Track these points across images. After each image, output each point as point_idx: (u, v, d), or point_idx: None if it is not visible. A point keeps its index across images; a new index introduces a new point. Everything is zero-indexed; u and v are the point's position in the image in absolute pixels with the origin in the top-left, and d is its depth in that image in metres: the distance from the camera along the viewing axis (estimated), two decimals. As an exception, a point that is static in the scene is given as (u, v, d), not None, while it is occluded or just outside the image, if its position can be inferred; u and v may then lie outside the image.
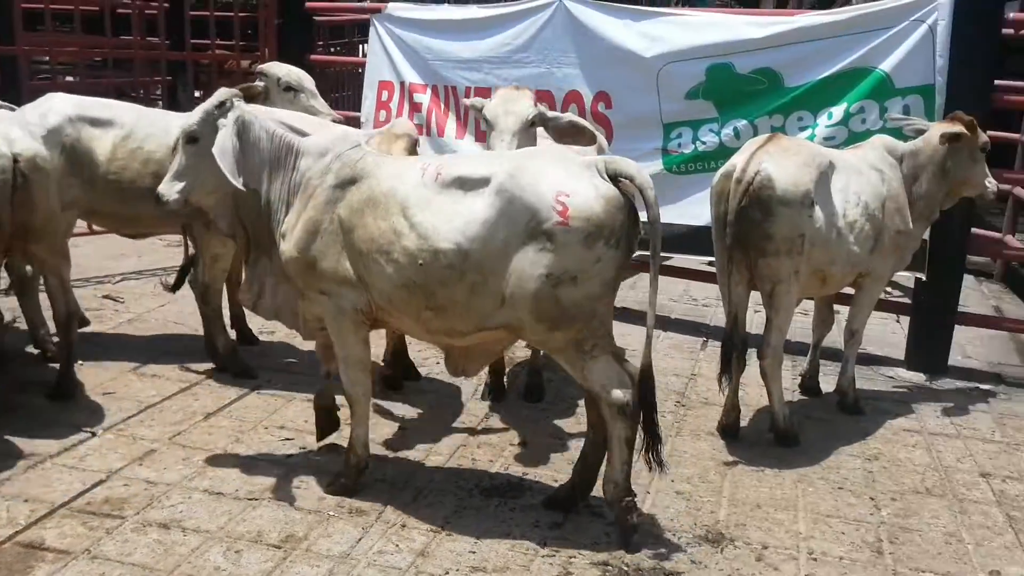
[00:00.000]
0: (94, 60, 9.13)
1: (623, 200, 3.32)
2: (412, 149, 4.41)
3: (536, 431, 4.48)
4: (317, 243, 3.52)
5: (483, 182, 3.36)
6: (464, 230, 3.31)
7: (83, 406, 4.48)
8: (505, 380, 4.92)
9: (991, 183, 4.85)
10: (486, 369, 4.60)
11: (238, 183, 3.56)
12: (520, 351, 5.24)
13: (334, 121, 5.09)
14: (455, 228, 3.32)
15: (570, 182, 3.29)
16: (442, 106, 6.78)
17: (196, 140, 3.72)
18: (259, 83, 5.24)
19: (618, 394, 3.38)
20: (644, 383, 3.42)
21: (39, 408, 4.42)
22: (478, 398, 4.84)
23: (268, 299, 3.91)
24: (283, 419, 4.48)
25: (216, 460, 4.01)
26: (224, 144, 3.57)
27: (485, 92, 6.49)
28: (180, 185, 3.73)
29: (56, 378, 4.59)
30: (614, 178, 3.34)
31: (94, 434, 4.20)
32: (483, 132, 6.37)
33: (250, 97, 4.31)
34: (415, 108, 6.88)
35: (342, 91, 9.36)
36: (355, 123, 7.48)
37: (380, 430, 4.37)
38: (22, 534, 3.38)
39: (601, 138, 4.71)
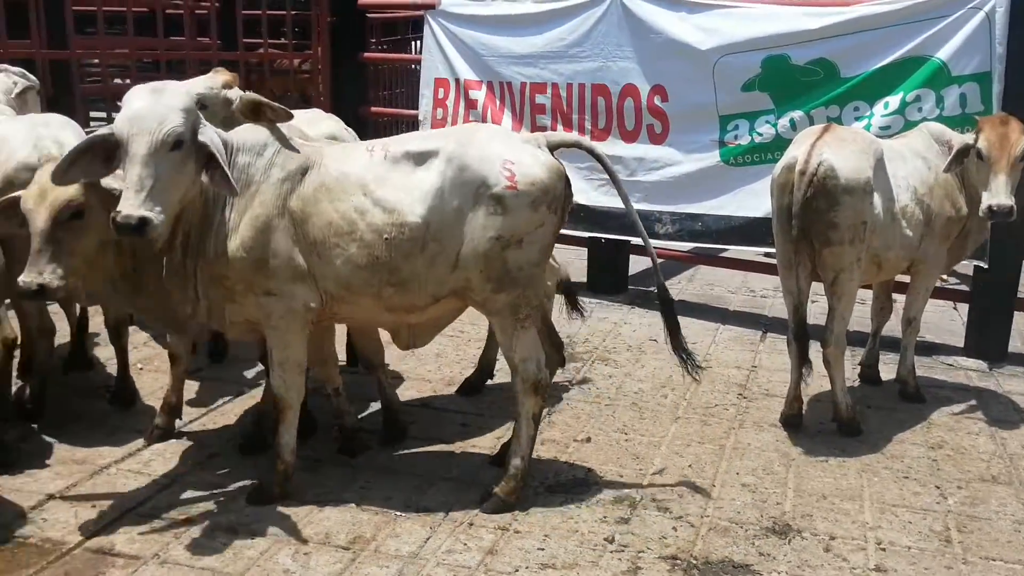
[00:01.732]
0: (143, 61, 9.26)
1: (562, 170, 3.62)
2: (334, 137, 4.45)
3: (600, 427, 4.56)
4: (267, 240, 3.47)
5: (431, 154, 3.54)
6: (424, 200, 3.48)
7: (144, 412, 4.54)
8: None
9: (989, 199, 4.33)
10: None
11: (238, 188, 3.38)
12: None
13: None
14: (415, 199, 3.48)
15: (514, 152, 3.55)
16: (497, 102, 6.86)
17: (181, 145, 3.24)
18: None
19: (532, 369, 3.65)
20: (665, 306, 3.85)
21: (103, 414, 4.52)
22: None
23: (203, 302, 3.63)
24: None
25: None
26: (219, 146, 3.33)
27: (541, 88, 6.64)
28: (159, 204, 3.17)
29: (115, 384, 4.68)
30: (552, 150, 3.65)
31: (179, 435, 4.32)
32: (541, 127, 6.53)
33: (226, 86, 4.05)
34: (471, 105, 6.97)
35: (395, 88, 9.45)
36: (411, 121, 7.60)
37: (444, 428, 4.49)
38: (92, 540, 3.43)
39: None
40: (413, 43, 11.05)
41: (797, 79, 5.74)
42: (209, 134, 3.32)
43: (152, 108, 3.20)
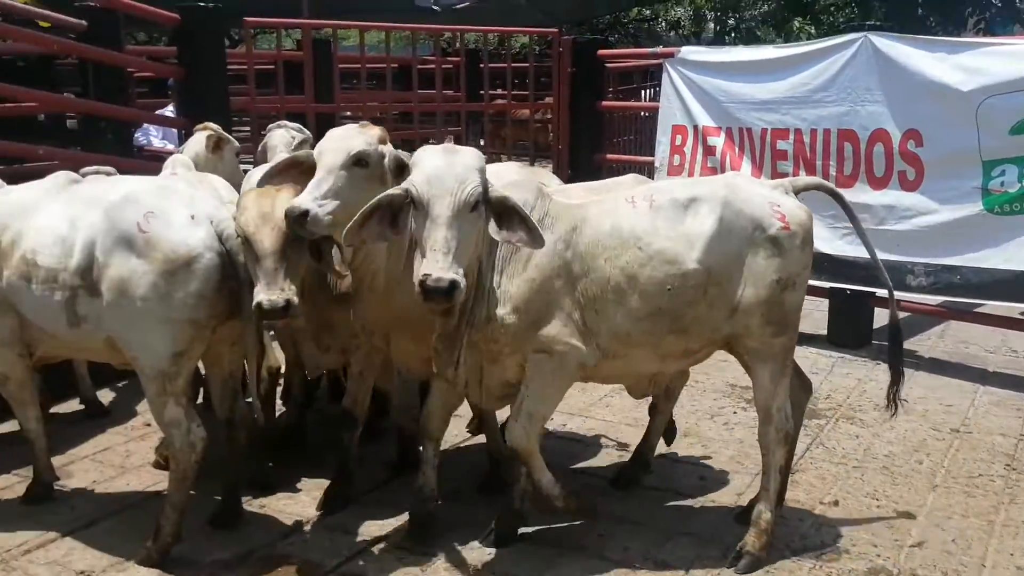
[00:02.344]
0: (383, 114, 9.78)
1: (811, 214, 3.65)
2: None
3: (848, 491, 4.29)
4: (545, 301, 3.39)
5: (699, 201, 3.51)
6: (702, 247, 3.43)
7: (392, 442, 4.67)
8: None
9: None
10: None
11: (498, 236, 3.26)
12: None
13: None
14: (693, 247, 3.43)
15: (774, 195, 3.60)
16: (736, 149, 6.75)
17: (478, 206, 3.22)
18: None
19: (784, 419, 3.61)
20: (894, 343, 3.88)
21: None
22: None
23: (462, 368, 3.53)
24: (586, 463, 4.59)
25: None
26: (518, 203, 3.24)
27: (783, 133, 6.48)
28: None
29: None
30: (796, 195, 3.69)
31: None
32: (782, 173, 6.35)
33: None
34: (709, 151, 6.90)
35: (624, 136, 9.54)
36: (643, 167, 7.62)
37: (682, 480, 4.40)
38: (345, 565, 3.63)
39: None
40: (643, 92, 11.17)
41: (1074, 120, 5.25)
42: (499, 193, 3.26)
43: (451, 169, 3.16)
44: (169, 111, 7.69)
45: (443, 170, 3.15)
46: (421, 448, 3.86)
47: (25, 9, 6.42)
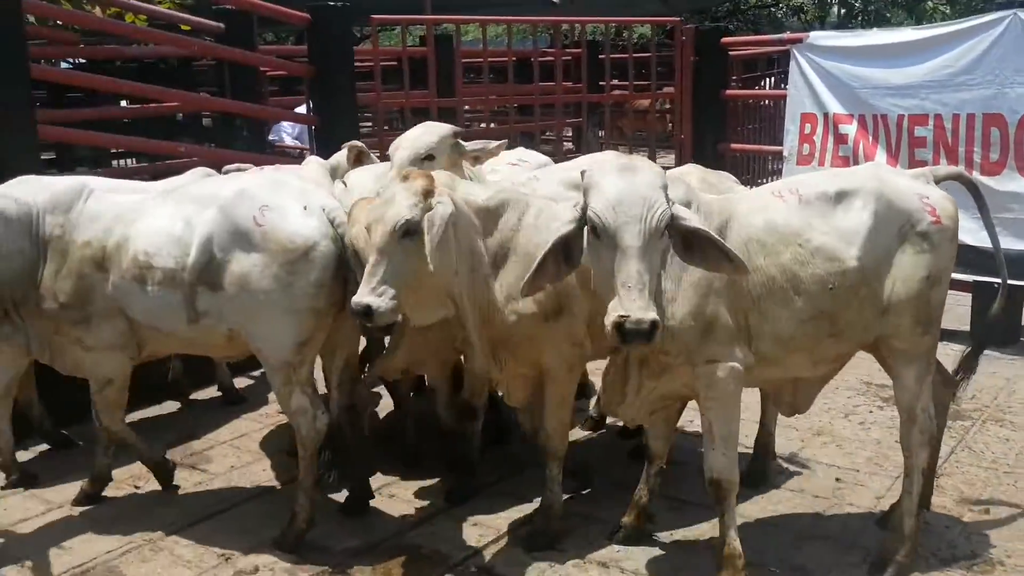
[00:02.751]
0: (504, 107, 9.82)
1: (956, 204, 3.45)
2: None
3: (998, 497, 4.05)
4: (711, 304, 3.15)
5: (850, 194, 3.32)
6: (857, 243, 3.26)
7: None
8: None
9: None
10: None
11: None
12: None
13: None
14: (849, 243, 3.25)
15: (922, 187, 3.41)
16: (870, 137, 6.48)
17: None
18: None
19: (928, 423, 3.41)
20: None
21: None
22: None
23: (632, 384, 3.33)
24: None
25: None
26: (702, 222, 2.97)
27: (921, 119, 6.20)
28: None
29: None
30: (936, 184, 3.49)
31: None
32: (920, 161, 6.06)
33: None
34: (840, 140, 6.65)
35: (747, 125, 9.30)
36: (767, 157, 7.41)
37: (816, 482, 4.25)
38: (473, 558, 3.62)
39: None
40: (767, 79, 10.87)
41: None
42: (681, 211, 2.92)
43: (635, 191, 2.81)
44: (302, 109, 7.92)
45: (627, 193, 2.80)
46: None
47: (168, 14, 6.72)
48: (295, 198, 3.68)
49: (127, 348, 3.86)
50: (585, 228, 2.89)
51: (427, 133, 4.25)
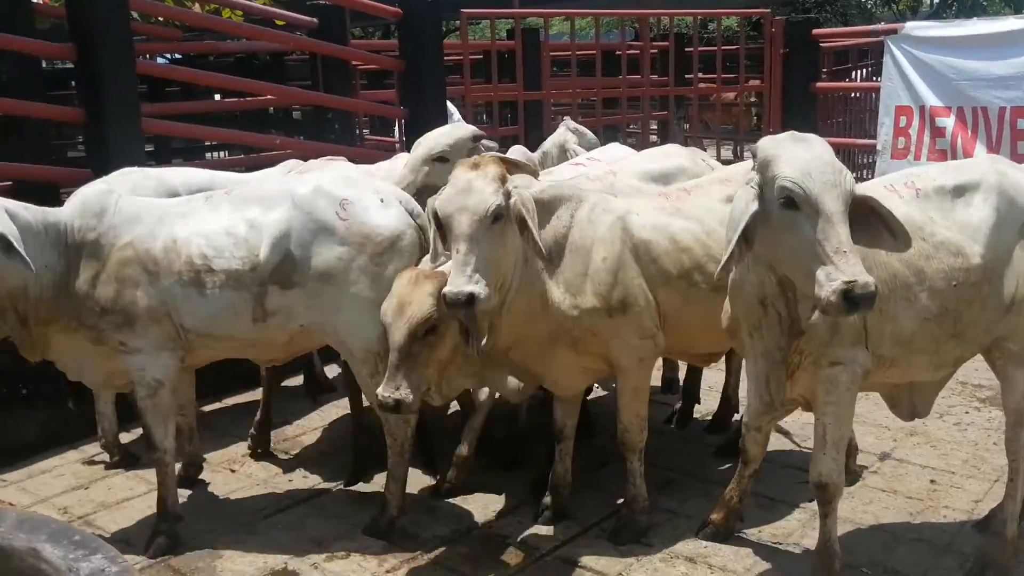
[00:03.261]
0: (589, 100, 9.80)
1: None
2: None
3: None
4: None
5: (970, 188, 3.21)
6: (981, 239, 3.14)
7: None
8: None
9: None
10: None
11: None
12: None
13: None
14: (973, 239, 3.13)
15: None
16: (969, 130, 6.30)
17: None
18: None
19: None
20: None
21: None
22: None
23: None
24: (796, 461, 4.39)
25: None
26: None
27: (1025, 112, 5.96)
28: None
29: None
30: None
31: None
32: (1021, 154, 5.85)
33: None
34: (937, 133, 6.49)
35: (840, 118, 9.10)
36: (859, 151, 7.21)
37: (910, 482, 4.15)
38: (560, 550, 3.63)
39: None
40: (857, 71, 10.60)
41: None
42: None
43: (821, 157, 2.77)
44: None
45: (816, 161, 2.73)
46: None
47: (264, 9, 6.90)
48: (371, 191, 3.75)
49: (177, 351, 3.69)
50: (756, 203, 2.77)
51: (444, 135, 4.33)
